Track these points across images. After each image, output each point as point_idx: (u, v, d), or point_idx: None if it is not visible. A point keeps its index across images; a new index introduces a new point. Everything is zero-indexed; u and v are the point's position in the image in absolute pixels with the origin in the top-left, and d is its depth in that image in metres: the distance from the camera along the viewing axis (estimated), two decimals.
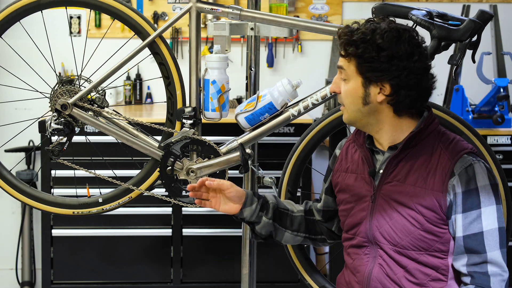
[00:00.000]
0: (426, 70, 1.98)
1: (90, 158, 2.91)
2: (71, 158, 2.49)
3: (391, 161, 2.02)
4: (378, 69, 1.94)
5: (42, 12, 2.41)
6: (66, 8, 2.45)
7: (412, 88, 1.96)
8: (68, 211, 2.51)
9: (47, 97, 2.43)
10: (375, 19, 2.01)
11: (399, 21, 2.04)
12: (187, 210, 4.18)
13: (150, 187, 2.47)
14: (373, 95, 1.98)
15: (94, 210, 2.50)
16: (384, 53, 1.93)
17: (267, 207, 2.22)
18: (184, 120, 2.37)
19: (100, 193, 2.50)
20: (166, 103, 2.43)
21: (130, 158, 3.55)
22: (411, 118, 2.02)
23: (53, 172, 4.07)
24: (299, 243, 2.34)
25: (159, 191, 2.52)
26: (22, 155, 4.61)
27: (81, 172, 2.52)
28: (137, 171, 2.49)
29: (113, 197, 2.50)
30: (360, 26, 1.98)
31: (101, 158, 3.63)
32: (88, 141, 2.72)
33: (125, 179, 2.50)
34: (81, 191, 3.62)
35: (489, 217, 1.94)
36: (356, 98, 2.00)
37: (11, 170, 2.55)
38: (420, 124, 2.00)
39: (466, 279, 1.97)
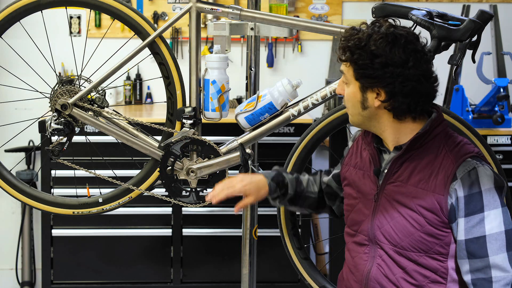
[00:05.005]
0: (424, 76, 1.95)
1: (90, 158, 2.91)
2: (71, 158, 2.49)
3: (395, 162, 2.01)
4: (372, 75, 1.94)
5: (42, 12, 2.41)
6: (66, 8, 2.45)
7: (407, 95, 1.94)
8: (68, 211, 2.51)
9: (47, 97, 2.43)
10: (380, 21, 1.99)
11: (404, 22, 2.03)
12: (187, 210, 4.18)
13: (150, 187, 2.47)
14: (370, 100, 1.98)
15: (94, 210, 2.50)
16: (377, 60, 1.92)
17: (284, 197, 2.30)
18: (184, 120, 2.37)
19: (100, 193, 2.50)
20: (166, 103, 2.43)
21: (130, 158, 3.56)
22: (413, 122, 2.00)
23: (53, 172, 4.07)
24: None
25: (159, 191, 2.52)
26: (22, 155, 4.61)
27: (81, 172, 2.52)
28: (137, 171, 2.49)
29: (113, 197, 2.50)
30: (364, 28, 1.98)
31: (101, 158, 3.63)
32: (88, 141, 2.72)
33: (125, 179, 2.51)
34: (81, 191, 3.62)
35: (493, 221, 1.92)
36: (356, 102, 2.01)
37: (11, 170, 2.55)
38: (427, 126, 1.98)
39: None
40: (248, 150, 2.39)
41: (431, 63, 1.98)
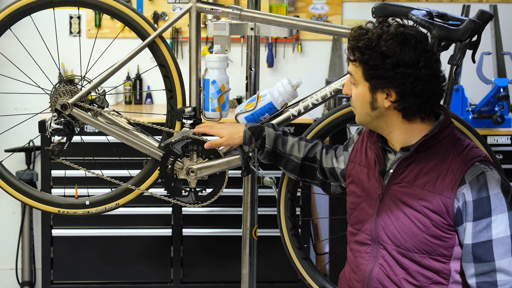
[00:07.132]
0: (434, 76, 1.94)
1: (90, 158, 2.91)
2: (71, 158, 2.49)
3: (402, 162, 2.00)
4: (382, 76, 1.93)
5: (41, 12, 2.41)
6: (66, 9, 2.44)
7: (418, 95, 1.94)
8: (69, 211, 2.51)
9: (47, 93, 2.42)
10: (388, 20, 1.98)
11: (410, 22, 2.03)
12: (187, 210, 4.18)
13: (150, 187, 2.47)
14: (380, 100, 1.97)
15: (93, 210, 2.50)
16: (388, 61, 1.91)
17: (262, 151, 2.32)
18: (184, 120, 2.37)
19: (100, 193, 2.50)
20: (166, 103, 2.43)
21: (130, 158, 3.55)
22: (422, 122, 2.00)
23: (53, 172, 4.07)
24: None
25: (159, 191, 2.52)
26: (22, 155, 4.60)
27: (81, 172, 2.52)
28: (137, 171, 2.49)
29: (113, 197, 2.49)
30: (372, 28, 1.97)
31: (101, 158, 3.62)
32: (82, 141, 2.72)
33: (125, 179, 2.51)
34: (81, 191, 3.62)
35: (500, 225, 1.91)
36: (364, 103, 2.00)
37: (11, 170, 2.55)
38: (435, 128, 1.97)
39: None
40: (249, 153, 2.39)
41: (440, 62, 1.97)
